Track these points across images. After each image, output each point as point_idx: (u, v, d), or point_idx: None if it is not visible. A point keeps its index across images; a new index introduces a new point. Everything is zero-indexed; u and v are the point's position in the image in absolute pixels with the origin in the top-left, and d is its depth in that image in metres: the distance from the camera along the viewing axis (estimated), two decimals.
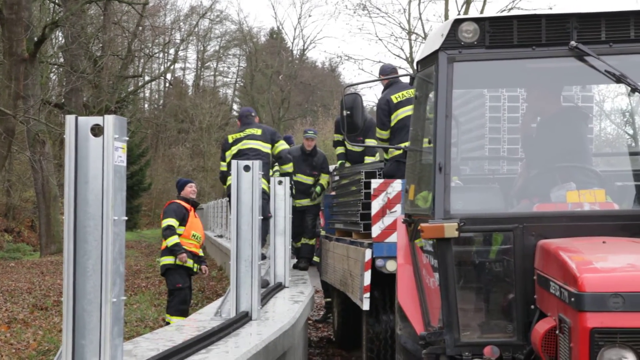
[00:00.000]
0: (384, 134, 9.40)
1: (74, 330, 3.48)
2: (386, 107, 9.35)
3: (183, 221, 10.80)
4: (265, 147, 10.13)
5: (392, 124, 9.31)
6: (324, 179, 12.17)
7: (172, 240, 10.59)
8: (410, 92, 9.32)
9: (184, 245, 10.75)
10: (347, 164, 11.21)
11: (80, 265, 3.48)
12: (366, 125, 10.40)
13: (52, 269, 20.28)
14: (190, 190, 11.14)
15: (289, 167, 10.53)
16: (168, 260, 10.74)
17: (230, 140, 10.32)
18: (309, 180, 12.02)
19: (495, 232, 4.85)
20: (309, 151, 12.13)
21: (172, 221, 10.70)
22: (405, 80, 9.56)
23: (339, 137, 11.15)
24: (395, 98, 9.31)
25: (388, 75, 9.80)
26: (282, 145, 10.28)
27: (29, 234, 35.07)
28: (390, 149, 9.32)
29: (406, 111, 9.22)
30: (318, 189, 12.00)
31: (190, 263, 10.79)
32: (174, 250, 10.59)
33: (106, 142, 3.44)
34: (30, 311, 13.35)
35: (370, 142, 9.87)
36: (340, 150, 11.51)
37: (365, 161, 10.87)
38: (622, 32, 4.83)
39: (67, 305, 3.48)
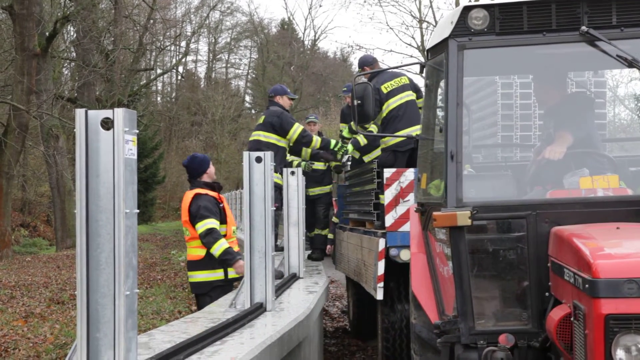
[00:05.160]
0: (373, 125, 9.49)
1: (88, 323, 3.49)
2: (377, 97, 9.10)
3: (221, 217, 7.92)
4: (267, 137, 9.96)
5: (384, 114, 9.28)
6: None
7: (222, 245, 7.70)
8: (396, 82, 9.31)
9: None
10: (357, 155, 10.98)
11: (93, 258, 3.48)
12: None
13: (68, 263, 20.38)
14: (213, 170, 8.24)
15: (314, 144, 10.16)
16: (214, 274, 7.91)
17: None
18: (319, 165, 11.91)
19: (508, 220, 4.83)
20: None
21: (213, 222, 7.76)
22: (394, 71, 9.56)
23: (344, 126, 11.03)
24: (384, 88, 9.26)
25: (371, 65, 9.79)
26: (295, 133, 9.96)
27: (45, 228, 35.26)
28: (384, 140, 9.29)
29: (396, 101, 9.22)
30: (350, 149, 10.75)
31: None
32: (225, 260, 7.75)
33: (116, 135, 3.44)
34: (47, 305, 13.43)
35: (372, 128, 9.86)
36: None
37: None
38: (634, 16, 4.80)
39: (80, 298, 3.48)
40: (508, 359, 4.49)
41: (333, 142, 10.37)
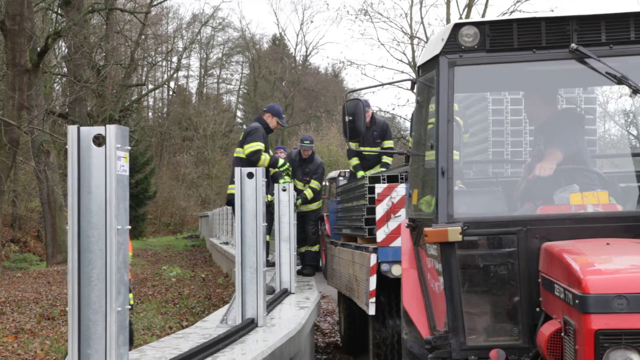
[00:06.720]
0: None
1: (80, 339, 3.49)
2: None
3: None
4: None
5: None
6: (312, 184, 12.09)
7: None
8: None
9: None
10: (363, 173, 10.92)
11: (85, 274, 3.49)
12: (382, 128, 10.55)
13: (59, 279, 20.29)
14: None
15: (263, 163, 9.92)
16: None
17: None
18: (301, 185, 12.06)
19: (499, 235, 4.85)
20: (305, 157, 12.18)
21: None
22: None
23: (355, 144, 11.01)
24: None
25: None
26: (248, 149, 9.88)
27: (35, 244, 35.10)
28: None
29: None
30: (299, 201, 11.73)
31: None
32: None
33: (108, 152, 3.45)
34: (38, 321, 13.36)
35: (353, 146, 9.97)
36: (355, 162, 11.32)
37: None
38: (622, 34, 4.83)
39: (72, 314, 3.49)
40: None
41: (281, 161, 10.36)
